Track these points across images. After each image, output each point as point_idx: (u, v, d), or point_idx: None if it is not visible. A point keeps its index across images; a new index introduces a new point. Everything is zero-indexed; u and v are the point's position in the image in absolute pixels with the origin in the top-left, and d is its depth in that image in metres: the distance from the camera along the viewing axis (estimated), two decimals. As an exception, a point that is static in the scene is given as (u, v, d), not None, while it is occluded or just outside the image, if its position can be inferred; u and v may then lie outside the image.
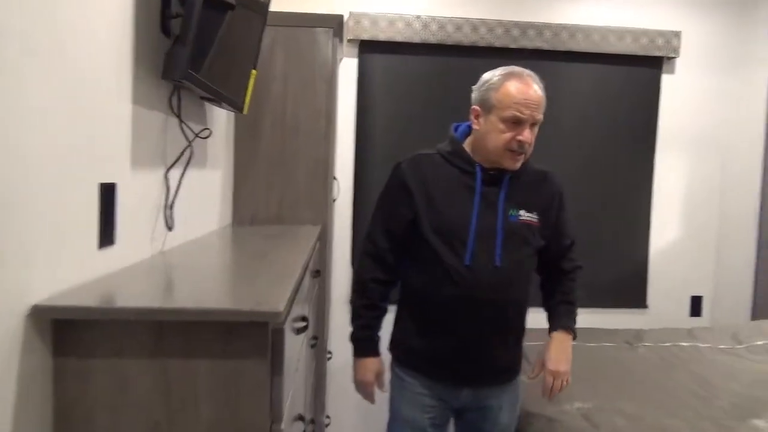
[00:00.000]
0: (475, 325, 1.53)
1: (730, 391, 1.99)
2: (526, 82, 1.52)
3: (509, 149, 1.51)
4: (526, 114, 1.50)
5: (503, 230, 1.53)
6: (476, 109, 1.56)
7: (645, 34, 3.17)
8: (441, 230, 1.53)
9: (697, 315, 3.40)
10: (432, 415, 1.60)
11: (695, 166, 3.37)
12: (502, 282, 1.53)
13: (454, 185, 1.56)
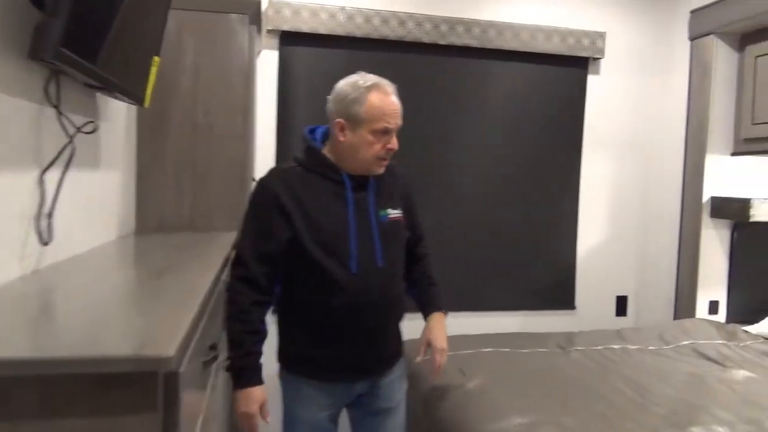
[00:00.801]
0: (366, 326, 1.61)
1: (665, 396, 1.95)
2: (387, 92, 1.58)
3: (379, 157, 1.58)
4: (393, 124, 1.57)
5: (378, 232, 1.61)
6: (341, 122, 1.57)
7: (571, 34, 3.16)
8: (323, 242, 1.56)
9: (623, 315, 3.44)
10: (330, 411, 1.66)
11: (620, 167, 3.40)
12: (386, 281, 1.63)
13: (326, 196, 1.59)
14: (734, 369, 2.24)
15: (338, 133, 1.57)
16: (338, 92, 1.59)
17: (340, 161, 1.60)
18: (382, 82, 1.59)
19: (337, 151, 1.60)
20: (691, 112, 3.06)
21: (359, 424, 1.78)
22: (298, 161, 1.64)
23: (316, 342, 1.60)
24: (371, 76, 1.60)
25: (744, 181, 2.96)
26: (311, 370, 1.62)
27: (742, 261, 2.99)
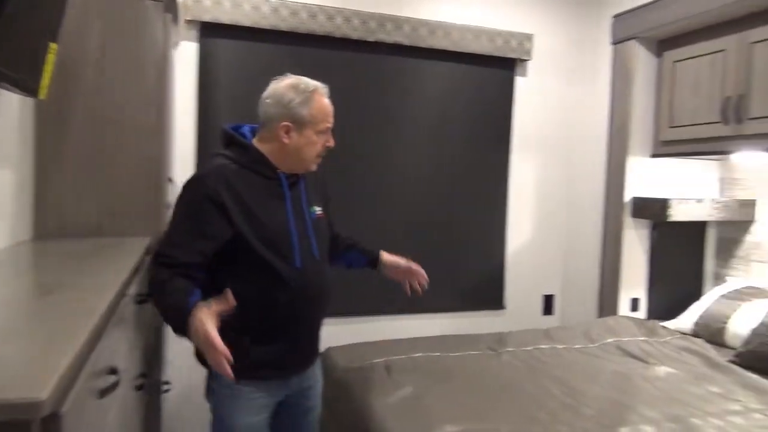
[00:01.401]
0: (307, 320, 1.68)
1: (594, 396, 1.97)
2: (323, 93, 1.67)
3: (318, 155, 1.68)
4: (332, 123, 1.69)
5: (312, 228, 1.69)
6: (288, 125, 1.61)
7: (500, 35, 3.16)
8: (267, 239, 1.58)
9: (550, 313, 3.50)
10: (268, 412, 1.68)
11: (547, 168, 3.45)
12: (323, 274, 1.71)
13: (264, 194, 1.62)
14: (656, 366, 2.30)
15: (283, 135, 1.62)
16: (280, 96, 1.63)
17: (278, 160, 1.65)
18: (320, 85, 1.67)
19: (277, 152, 1.64)
20: (613, 114, 3.14)
21: (285, 424, 1.78)
22: (230, 158, 1.62)
23: (258, 339, 1.61)
24: (308, 80, 1.67)
25: (663, 182, 3.07)
26: (252, 370, 1.59)
27: (660, 259, 3.10)
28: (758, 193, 2.93)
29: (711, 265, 3.17)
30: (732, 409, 1.88)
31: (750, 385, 2.08)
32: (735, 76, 2.55)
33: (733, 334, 2.54)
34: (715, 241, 3.15)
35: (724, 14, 2.59)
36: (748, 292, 2.74)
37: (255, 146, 1.65)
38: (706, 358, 2.37)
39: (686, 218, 2.82)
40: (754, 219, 2.93)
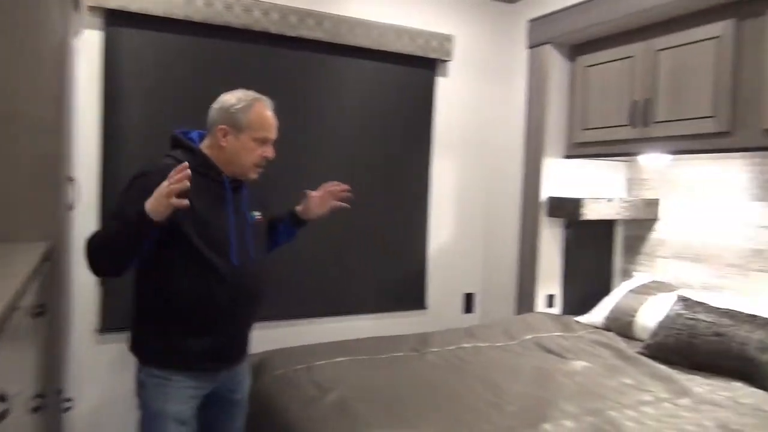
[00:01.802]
0: (240, 317, 1.76)
1: (516, 393, 2.00)
2: (268, 107, 1.77)
3: (256, 164, 1.77)
4: (272, 135, 1.78)
5: (251, 230, 1.79)
6: (225, 128, 1.71)
7: (421, 35, 3.17)
8: (206, 237, 1.66)
9: (470, 311, 3.55)
10: (194, 403, 1.73)
11: (466, 168, 3.50)
12: (258, 274, 1.80)
13: (207, 193, 1.69)
14: (573, 360, 2.38)
15: (221, 138, 1.71)
16: (223, 102, 1.74)
17: (221, 164, 1.74)
18: (264, 98, 1.78)
19: (217, 155, 1.73)
20: (529, 116, 3.23)
21: (212, 417, 1.84)
22: (178, 160, 1.65)
23: (191, 330, 1.68)
24: (252, 92, 1.78)
25: (576, 183, 3.19)
26: (183, 361, 1.68)
27: (573, 256, 3.22)
28: (661, 193, 3.11)
29: (619, 261, 3.33)
30: (644, 399, 1.97)
31: (658, 375, 2.19)
32: (642, 82, 2.69)
33: (641, 327, 2.68)
34: (623, 239, 3.32)
35: (632, 22, 2.72)
36: (653, 287, 2.90)
37: (201, 150, 1.74)
38: (618, 350, 2.48)
39: (597, 217, 2.95)
40: (657, 217, 3.10)
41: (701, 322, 2.31)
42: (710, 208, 2.84)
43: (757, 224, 2.64)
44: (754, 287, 2.64)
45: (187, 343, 1.68)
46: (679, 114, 2.54)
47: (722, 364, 2.19)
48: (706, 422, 1.77)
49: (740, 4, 2.31)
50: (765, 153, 2.47)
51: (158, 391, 1.68)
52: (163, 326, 1.69)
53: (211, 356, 1.72)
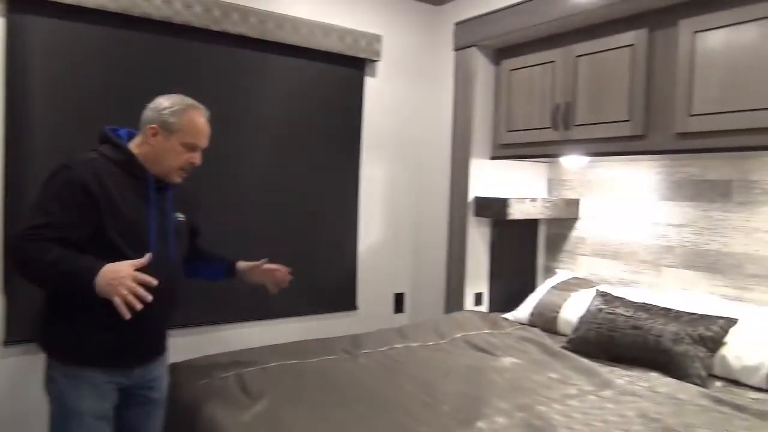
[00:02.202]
0: (156, 313, 1.69)
1: (450, 393, 2.01)
2: (202, 114, 1.79)
3: (181, 168, 1.77)
4: (202, 143, 1.79)
5: (173, 231, 1.81)
6: (155, 128, 1.72)
7: (349, 33, 3.14)
8: (125, 234, 1.66)
9: (400, 311, 3.56)
10: (111, 400, 1.73)
11: (395, 169, 3.50)
12: (176, 274, 1.83)
13: (131, 192, 1.70)
14: (502, 357, 2.43)
15: (150, 137, 1.73)
16: (158, 103, 1.75)
17: (147, 163, 1.74)
18: (200, 106, 1.79)
19: (144, 154, 1.74)
20: (456, 117, 3.28)
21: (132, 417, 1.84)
22: (102, 154, 1.70)
23: (104, 327, 1.65)
24: (188, 98, 1.79)
25: (501, 183, 3.27)
26: (95, 356, 1.68)
27: (500, 255, 3.30)
28: (581, 193, 3.24)
29: (542, 259, 3.45)
30: (570, 393, 2.04)
31: (582, 368, 2.27)
32: (563, 86, 2.79)
33: (564, 322, 2.78)
34: (546, 237, 3.43)
35: (553, 29, 2.82)
36: (574, 283, 3.02)
37: (128, 147, 1.74)
38: (543, 346, 2.56)
39: (522, 217, 3.03)
40: (578, 216, 3.24)
41: (620, 317, 2.43)
42: (625, 208, 3.00)
43: (667, 222, 2.81)
44: (665, 281, 2.81)
45: (100, 339, 1.67)
46: (597, 117, 2.65)
47: (640, 355, 2.30)
48: (628, 412, 1.86)
49: (653, 15, 2.45)
50: (675, 155, 2.62)
51: (71, 388, 1.67)
52: (76, 321, 1.67)
53: (125, 352, 1.73)
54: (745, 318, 2.27)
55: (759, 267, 2.47)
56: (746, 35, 2.11)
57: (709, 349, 2.19)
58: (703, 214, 2.67)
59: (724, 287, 2.58)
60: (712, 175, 2.64)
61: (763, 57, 2.06)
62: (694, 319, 2.27)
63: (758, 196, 2.48)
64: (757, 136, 2.12)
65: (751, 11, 2.09)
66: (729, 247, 2.57)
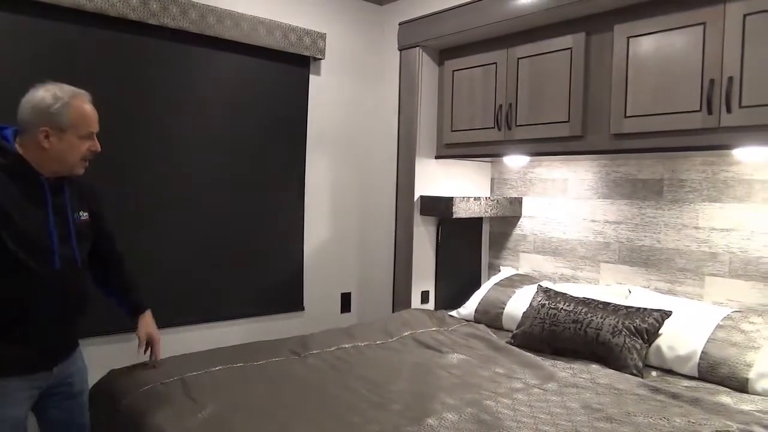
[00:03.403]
0: (64, 316, 1.76)
1: (399, 390, 2.02)
2: (86, 100, 1.71)
3: (84, 159, 1.73)
4: (96, 128, 1.74)
5: (75, 232, 1.76)
6: (46, 130, 1.63)
7: (293, 31, 3.10)
8: (24, 242, 1.61)
9: (347, 311, 3.55)
10: (29, 404, 1.73)
11: (342, 168, 3.49)
12: (80, 276, 1.81)
13: (24, 197, 1.63)
14: (449, 354, 2.46)
15: (42, 140, 1.63)
16: (38, 101, 1.63)
17: (40, 165, 1.66)
18: (79, 91, 1.70)
19: (38, 157, 1.65)
20: (401, 117, 3.29)
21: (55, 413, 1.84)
22: None
23: (20, 337, 1.66)
24: (68, 86, 1.68)
25: (446, 182, 3.31)
26: (15, 366, 1.66)
27: (445, 253, 3.34)
28: (523, 192, 3.33)
29: (487, 256, 3.52)
30: (516, 387, 2.08)
31: (526, 363, 2.33)
32: (505, 87, 2.85)
33: (509, 318, 2.85)
34: (490, 235, 3.50)
35: (494, 31, 2.88)
36: (518, 280, 3.09)
37: (16, 150, 1.64)
38: (489, 342, 2.61)
39: (467, 215, 3.08)
40: (521, 215, 3.32)
41: (561, 311, 2.51)
42: (565, 206, 3.10)
43: (604, 220, 2.92)
44: (603, 276, 2.92)
45: (12, 350, 1.65)
46: (538, 118, 2.73)
47: (581, 348, 2.39)
48: (571, 404, 1.92)
49: (590, 20, 2.54)
50: (611, 155, 2.73)
51: None
52: None
53: (40, 357, 1.72)
54: (677, 310, 2.39)
55: (687, 261, 2.61)
56: (675, 42, 2.22)
57: (645, 340, 2.29)
58: (638, 211, 2.79)
59: (657, 281, 2.71)
60: (646, 174, 2.76)
61: (689, 63, 2.17)
62: (630, 312, 2.37)
63: (687, 194, 2.62)
64: (685, 137, 2.23)
65: (679, 19, 2.21)
66: (661, 242, 2.70)
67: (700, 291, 2.57)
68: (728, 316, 2.28)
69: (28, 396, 1.71)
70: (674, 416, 1.79)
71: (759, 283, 2.39)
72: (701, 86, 2.14)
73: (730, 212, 2.48)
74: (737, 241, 2.46)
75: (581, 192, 3.03)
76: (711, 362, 2.15)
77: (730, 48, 2.07)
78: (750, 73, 2.02)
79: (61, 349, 1.81)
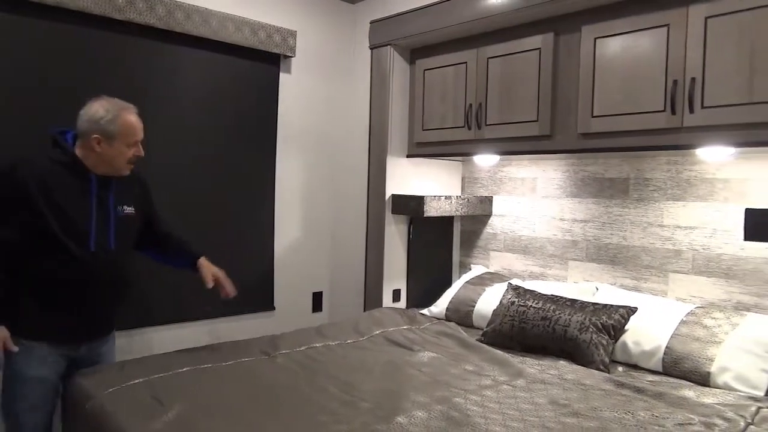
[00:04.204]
0: (96, 299, 2.05)
1: (369, 389, 2.01)
2: (132, 112, 2.04)
3: (129, 162, 2.07)
4: (140, 137, 2.08)
5: (115, 222, 2.06)
6: (98, 137, 1.97)
7: (263, 28, 3.07)
8: (65, 226, 1.92)
9: (319, 310, 3.53)
10: (56, 368, 2.03)
11: (312, 167, 3.47)
12: (116, 261, 2.08)
13: (73, 189, 1.97)
14: (420, 352, 2.46)
15: (95, 146, 1.98)
16: (92, 114, 1.97)
17: (92, 166, 2.00)
18: (128, 105, 2.04)
19: (91, 158, 2.00)
20: (373, 116, 3.29)
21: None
22: (50, 157, 1.97)
23: (52, 308, 1.97)
24: (117, 100, 2.02)
25: (417, 181, 3.32)
26: (41, 333, 1.97)
27: (417, 252, 3.35)
28: (493, 191, 3.36)
29: (457, 255, 3.54)
30: (485, 384, 2.10)
31: (495, 360, 2.35)
32: (475, 87, 2.87)
33: (479, 316, 2.87)
34: (460, 234, 3.53)
35: (465, 31, 2.90)
36: (488, 278, 3.12)
37: (73, 150, 1.99)
38: (460, 339, 2.62)
39: (438, 214, 3.09)
40: (491, 213, 3.35)
41: (530, 309, 2.53)
42: (534, 205, 3.13)
43: (572, 218, 2.97)
44: (571, 274, 2.96)
45: (48, 318, 1.97)
46: (507, 118, 2.75)
47: (549, 345, 2.41)
48: (539, 400, 1.94)
49: (559, 20, 2.57)
50: (579, 155, 2.77)
51: (21, 356, 1.95)
52: (26, 302, 1.95)
53: (69, 332, 2.03)
54: (642, 306, 2.43)
55: (653, 259, 2.66)
56: (640, 43, 2.26)
57: (612, 336, 2.33)
58: (605, 210, 2.84)
59: (623, 278, 2.76)
60: (612, 173, 2.81)
61: (654, 63, 2.22)
62: (597, 309, 2.41)
63: (652, 193, 2.67)
64: (650, 137, 2.28)
65: (645, 20, 2.25)
66: (627, 240, 2.75)
67: (665, 288, 2.63)
68: (691, 312, 2.34)
69: (53, 361, 2.00)
70: (639, 410, 1.82)
71: (720, 279, 2.46)
72: (665, 87, 2.19)
73: (693, 211, 2.54)
74: (700, 239, 2.52)
75: (550, 191, 3.06)
76: (675, 357, 2.19)
77: (692, 50, 2.12)
78: (711, 75, 2.07)
79: (91, 330, 2.10)
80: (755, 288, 2.36)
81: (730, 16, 2.02)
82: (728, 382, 2.04)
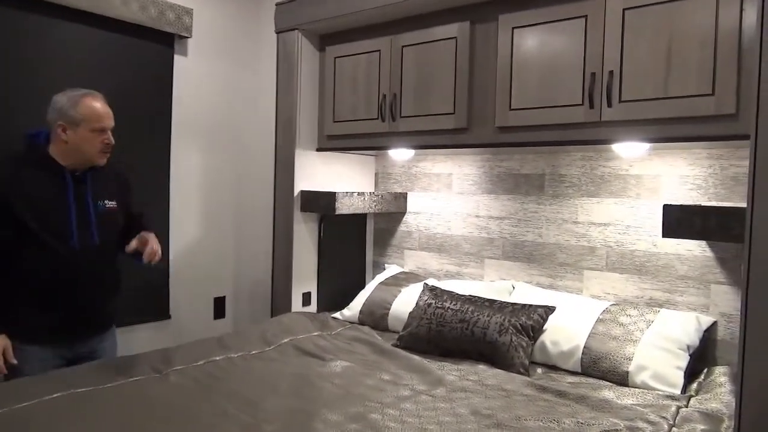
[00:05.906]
0: (87, 293, 2.04)
1: (274, 408, 1.79)
2: (98, 99, 2.01)
3: (101, 151, 2.02)
4: (108, 124, 2.03)
5: (95, 218, 2.03)
6: (62, 124, 1.94)
7: (155, 4, 2.75)
8: (45, 223, 1.91)
9: (222, 317, 3.25)
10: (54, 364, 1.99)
11: (213, 160, 3.17)
12: (100, 257, 2.07)
13: (48, 186, 1.95)
14: (332, 361, 2.27)
15: (61, 134, 1.94)
16: (55, 102, 1.96)
17: (65, 159, 1.98)
18: (90, 91, 2.00)
19: (61, 151, 1.97)
20: (279, 106, 3.04)
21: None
22: (22, 157, 1.98)
23: (37, 308, 1.95)
24: (80, 88, 1.97)
25: (329, 176, 3.11)
26: (34, 335, 1.95)
27: (328, 252, 3.15)
28: (408, 187, 3.22)
29: (371, 254, 3.37)
30: (403, 394, 1.94)
31: (413, 367, 2.20)
32: (389, 76, 2.71)
33: (394, 318, 2.72)
34: (374, 232, 3.36)
35: (377, 17, 2.72)
36: (403, 278, 2.98)
37: (44, 147, 1.97)
38: (374, 345, 2.46)
39: (350, 211, 2.91)
40: (405, 210, 3.21)
41: (448, 311, 2.41)
42: (450, 201, 3.03)
43: (488, 215, 2.88)
44: (487, 272, 2.88)
45: (35, 319, 1.96)
46: (423, 110, 2.61)
47: (468, 348, 2.30)
48: (461, 410, 1.81)
49: (475, 8, 2.46)
50: (495, 150, 2.68)
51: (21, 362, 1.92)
52: (12, 302, 1.94)
53: (61, 330, 2.01)
54: (559, 305, 2.38)
55: (568, 256, 2.63)
56: (558, 34, 2.19)
57: (531, 337, 2.25)
58: (520, 206, 2.78)
59: (539, 276, 2.71)
60: (528, 169, 2.75)
61: (572, 55, 2.15)
62: (516, 309, 2.33)
63: (567, 189, 2.63)
64: (568, 131, 2.21)
65: (562, 11, 2.18)
66: (543, 237, 2.70)
67: (580, 285, 2.60)
68: (607, 309, 2.31)
69: (46, 362, 1.97)
70: (563, 417, 1.73)
71: (633, 275, 2.45)
72: (583, 80, 2.13)
73: (606, 207, 2.53)
74: (613, 235, 2.51)
75: (465, 187, 2.97)
76: (593, 357, 2.15)
77: (610, 42, 2.06)
78: (629, 68, 2.03)
79: (81, 328, 2.08)
80: (667, 284, 2.37)
81: (646, 8, 1.98)
82: (646, 381, 2.01)
